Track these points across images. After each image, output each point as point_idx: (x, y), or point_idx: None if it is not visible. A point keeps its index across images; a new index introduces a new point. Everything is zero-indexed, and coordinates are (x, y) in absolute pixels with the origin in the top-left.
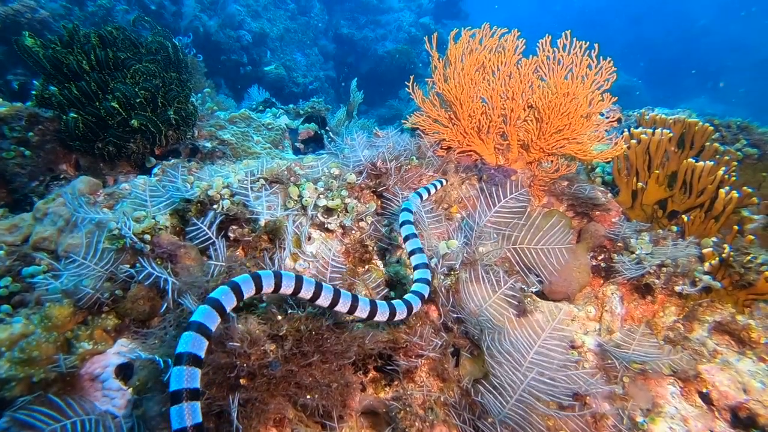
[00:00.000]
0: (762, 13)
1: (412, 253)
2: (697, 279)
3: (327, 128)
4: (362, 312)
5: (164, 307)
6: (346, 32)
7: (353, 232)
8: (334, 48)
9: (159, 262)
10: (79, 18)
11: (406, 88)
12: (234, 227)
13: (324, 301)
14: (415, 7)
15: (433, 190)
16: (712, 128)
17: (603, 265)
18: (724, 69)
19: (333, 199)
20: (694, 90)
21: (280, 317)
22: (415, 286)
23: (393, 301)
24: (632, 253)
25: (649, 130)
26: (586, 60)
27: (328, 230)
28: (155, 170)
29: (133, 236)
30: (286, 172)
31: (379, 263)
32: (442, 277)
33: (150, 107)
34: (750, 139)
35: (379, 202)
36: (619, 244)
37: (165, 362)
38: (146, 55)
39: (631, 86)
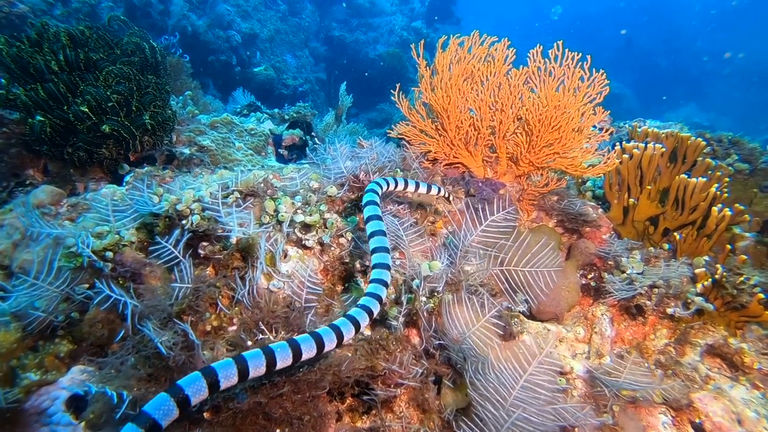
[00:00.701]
0: (744, 20)
1: (371, 236)
2: (689, 300)
3: (312, 134)
4: (309, 352)
5: (121, 335)
6: (338, 35)
7: (332, 248)
8: (325, 50)
9: (121, 282)
10: (62, 14)
11: (392, 96)
12: (205, 244)
13: (284, 363)
14: (407, 11)
15: (412, 187)
16: (704, 143)
17: (593, 284)
18: (710, 77)
19: (311, 215)
20: (683, 98)
21: (250, 342)
22: (363, 300)
23: (338, 321)
24: (623, 272)
25: (641, 145)
26: (578, 72)
27: (305, 247)
28: (127, 178)
29: (91, 254)
30: (262, 185)
31: (360, 281)
32: (424, 299)
33: (123, 112)
34: (741, 154)
35: (362, 216)
36: (609, 262)
37: (119, 396)
38: (121, 57)
39: (620, 94)
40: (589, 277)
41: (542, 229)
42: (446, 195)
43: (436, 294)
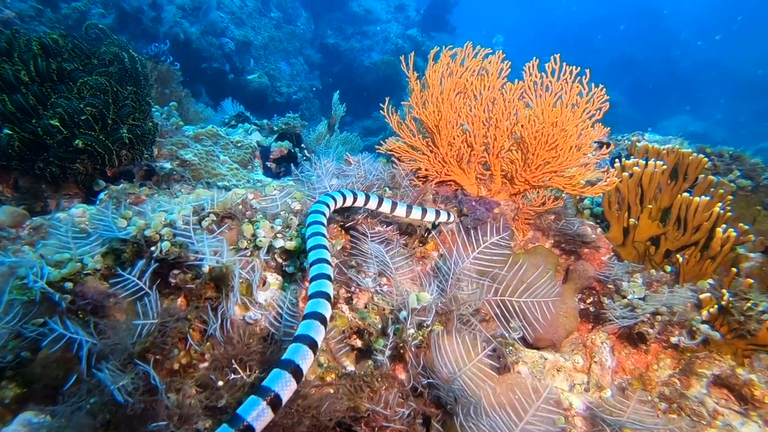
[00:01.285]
0: (737, 35)
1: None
2: (694, 328)
3: (302, 146)
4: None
5: (72, 380)
6: (333, 42)
7: None
8: (319, 58)
9: (81, 316)
10: (51, 20)
11: (381, 111)
12: (176, 272)
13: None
14: (402, 19)
15: (387, 207)
16: (706, 159)
17: (592, 309)
18: (703, 87)
19: (292, 240)
20: (676, 107)
21: (221, 383)
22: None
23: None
24: (623, 297)
25: (642, 162)
26: (577, 87)
27: (286, 274)
28: (101, 195)
29: (45, 286)
30: (240, 206)
31: (345, 309)
32: (412, 331)
33: (99, 125)
34: (743, 170)
35: (347, 239)
36: (609, 286)
37: None
38: (98, 67)
39: (614, 102)
40: (588, 301)
41: (539, 251)
42: (447, 219)
43: (424, 326)
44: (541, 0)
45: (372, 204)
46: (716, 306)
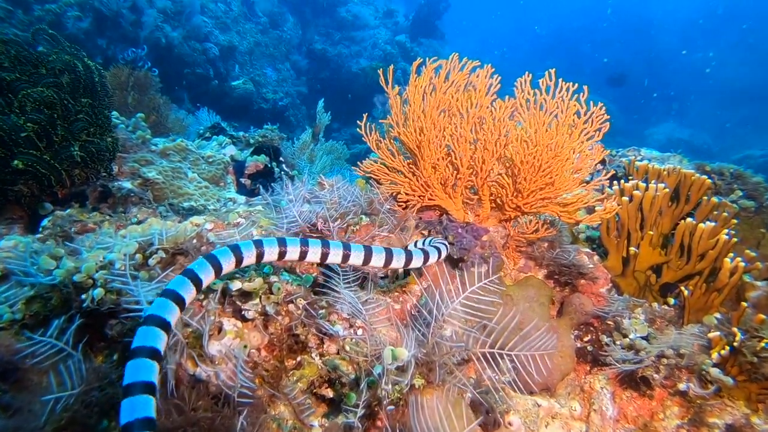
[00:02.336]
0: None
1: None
2: (704, 372)
3: (281, 159)
4: None
5: None
6: (320, 48)
7: (280, 318)
8: (307, 64)
9: None
10: (22, 23)
11: (358, 129)
12: (113, 322)
13: None
14: (391, 25)
15: (358, 259)
16: (709, 181)
17: (590, 348)
18: (688, 94)
19: (251, 280)
20: (663, 115)
21: None
22: None
23: None
24: (625, 336)
25: (642, 184)
26: (574, 105)
27: (245, 319)
28: (45, 222)
29: None
30: (195, 241)
31: (315, 355)
32: (388, 388)
33: (43, 143)
34: (745, 189)
35: (317, 272)
36: (608, 322)
37: None
38: (46, 77)
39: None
40: (586, 339)
41: (530, 282)
42: (439, 257)
43: (400, 386)
44: (531, 7)
45: (335, 257)
46: (728, 348)
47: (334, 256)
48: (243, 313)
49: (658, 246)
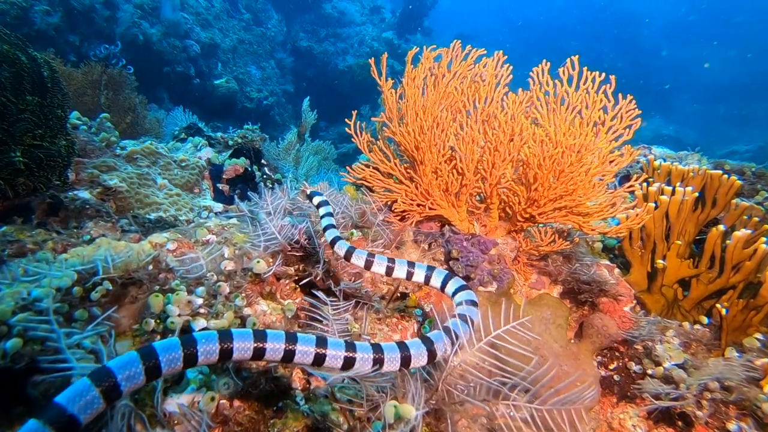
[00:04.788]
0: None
1: None
2: (756, 409)
3: (263, 162)
4: None
5: None
6: (305, 45)
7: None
8: (292, 61)
9: None
10: None
11: (347, 129)
12: (38, 378)
13: None
14: (377, 21)
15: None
16: (739, 182)
17: (616, 378)
18: (673, 90)
19: (219, 316)
20: (650, 110)
21: None
22: None
23: None
24: (657, 363)
25: (667, 188)
26: (601, 99)
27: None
28: None
29: None
30: (150, 267)
31: (300, 398)
32: None
33: None
34: None
35: (301, 297)
36: (637, 347)
37: None
38: None
39: None
40: (611, 367)
41: (545, 301)
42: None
43: None
44: (517, 3)
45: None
46: None
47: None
48: None
49: (685, 257)
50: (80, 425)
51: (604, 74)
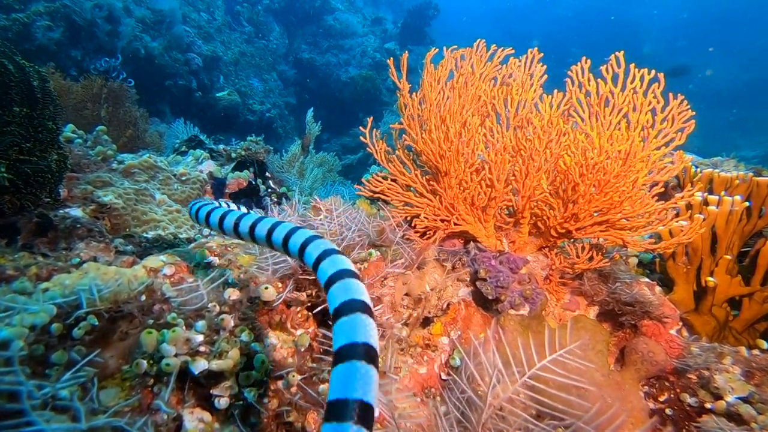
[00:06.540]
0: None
1: None
2: None
3: (267, 175)
4: None
5: None
6: (308, 57)
7: (267, 402)
8: (294, 73)
9: None
10: None
11: (361, 138)
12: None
13: None
14: (379, 32)
15: None
16: None
17: (669, 411)
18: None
19: (221, 356)
20: None
21: None
22: None
23: None
24: (718, 397)
25: (712, 198)
26: (651, 100)
27: (216, 410)
28: None
29: None
30: (144, 297)
31: None
32: None
33: None
34: None
35: (314, 327)
36: (690, 376)
37: None
38: None
39: None
40: (662, 399)
41: (582, 323)
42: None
43: None
44: (519, 12)
45: None
46: None
47: None
48: (214, 400)
49: (735, 274)
50: None
51: (654, 71)
